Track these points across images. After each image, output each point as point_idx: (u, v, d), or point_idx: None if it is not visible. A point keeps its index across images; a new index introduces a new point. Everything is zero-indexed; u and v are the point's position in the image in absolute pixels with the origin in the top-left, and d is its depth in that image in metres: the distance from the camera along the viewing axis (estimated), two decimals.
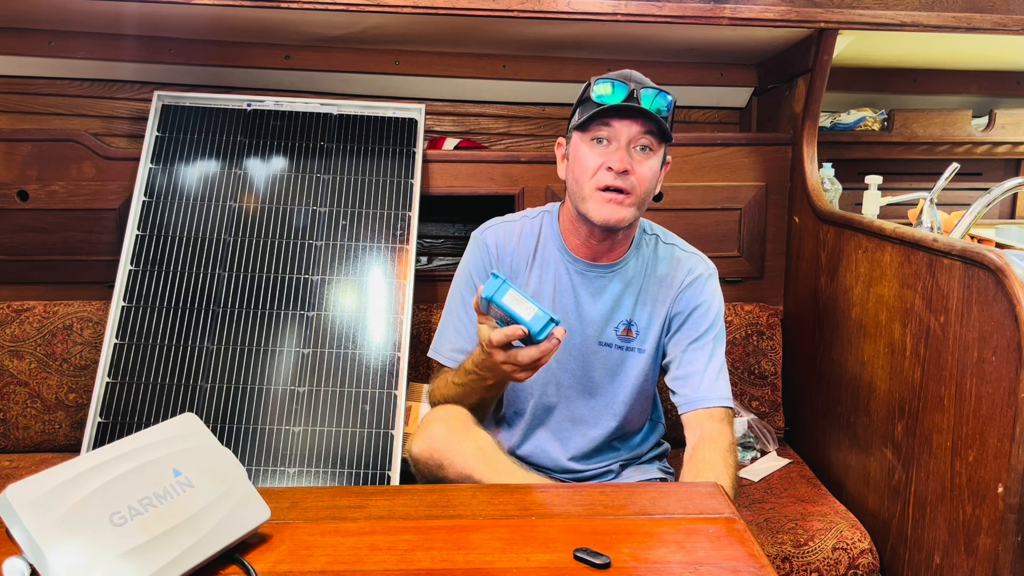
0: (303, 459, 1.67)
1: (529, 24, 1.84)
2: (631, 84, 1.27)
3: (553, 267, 1.42)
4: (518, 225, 1.47)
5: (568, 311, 1.41)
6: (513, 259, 1.44)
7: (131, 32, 2.01)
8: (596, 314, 1.40)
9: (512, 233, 1.46)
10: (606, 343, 1.41)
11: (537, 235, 1.45)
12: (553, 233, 1.44)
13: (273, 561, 0.88)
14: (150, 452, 0.88)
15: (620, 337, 1.41)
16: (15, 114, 2.16)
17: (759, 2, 1.77)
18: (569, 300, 1.41)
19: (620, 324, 1.41)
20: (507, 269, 1.43)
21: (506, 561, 0.88)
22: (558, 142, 1.42)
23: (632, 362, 1.42)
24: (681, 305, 1.41)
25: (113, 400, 1.70)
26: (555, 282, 1.41)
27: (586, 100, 1.31)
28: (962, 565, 1.26)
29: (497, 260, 1.44)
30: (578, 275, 1.41)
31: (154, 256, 1.80)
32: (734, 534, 0.95)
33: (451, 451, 1.24)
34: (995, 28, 1.81)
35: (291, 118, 1.95)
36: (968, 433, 1.24)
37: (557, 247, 1.42)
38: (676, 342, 1.40)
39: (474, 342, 1.36)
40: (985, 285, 1.20)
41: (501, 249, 1.44)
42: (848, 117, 2.36)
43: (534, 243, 1.44)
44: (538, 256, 1.43)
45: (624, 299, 1.41)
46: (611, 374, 1.42)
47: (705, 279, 1.43)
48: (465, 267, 1.47)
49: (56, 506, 0.78)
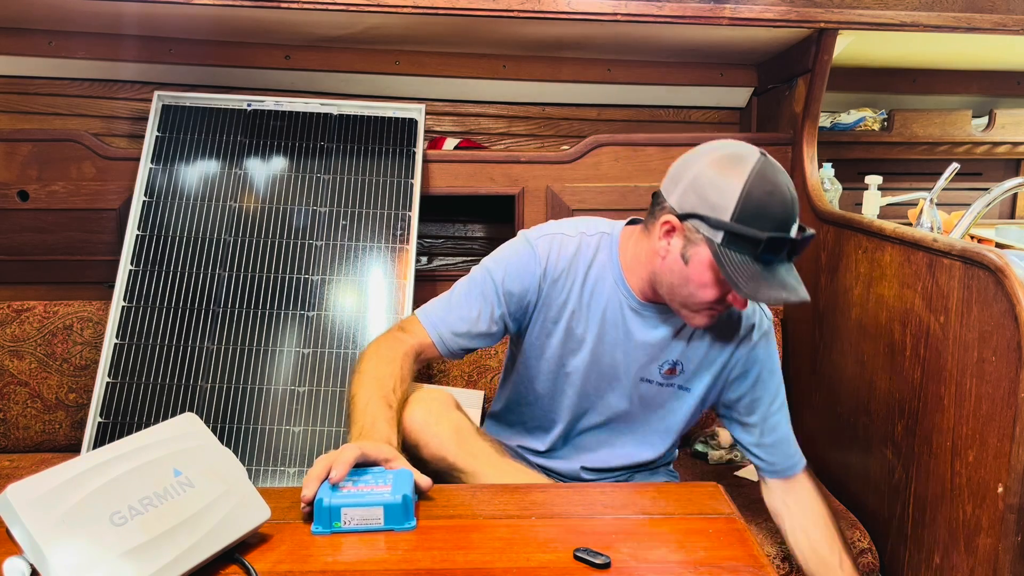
0: (303, 459, 1.66)
1: (529, 24, 1.84)
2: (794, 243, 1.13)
3: (606, 296, 1.30)
4: (574, 241, 1.31)
5: (615, 343, 1.32)
6: (561, 277, 1.30)
7: (131, 32, 2.01)
8: (642, 352, 1.32)
9: (567, 249, 1.31)
10: (647, 379, 1.34)
11: (592, 257, 1.31)
12: (611, 262, 1.30)
13: (273, 561, 0.88)
14: (150, 452, 0.88)
15: (663, 375, 1.34)
16: (15, 114, 2.16)
17: (759, 2, 1.77)
18: (619, 333, 1.31)
19: (665, 363, 1.33)
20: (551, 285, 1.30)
21: (506, 561, 0.88)
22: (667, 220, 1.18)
23: (674, 400, 1.36)
24: (746, 367, 1.33)
25: (113, 400, 1.70)
26: (605, 312, 1.30)
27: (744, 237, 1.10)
28: (962, 565, 1.26)
29: (544, 275, 1.30)
30: (631, 311, 1.30)
31: (154, 256, 1.80)
32: (734, 534, 0.95)
33: (427, 432, 1.23)
34: (995, 28, 1.81)
35: (291, 118, 1.95)
36: (968, 433, 1.24)
37: (614, 277, 1.30)
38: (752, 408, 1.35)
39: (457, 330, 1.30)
40: (985, 285, 1.20)
41: (552, 263, 1.30)
42: (848, 117, 2.36)
43: (587, 265, 1.30)
44: (590, 280, 1.30)
45: (675, 341, 1.32)
46: (649, 408, 1.37)
47: (769, 334, 1.35)
48: (503, 262, 1.32)
49: (56, 506, 0.78)
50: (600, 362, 1.33)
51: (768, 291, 1.10)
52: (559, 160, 2.05)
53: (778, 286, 1.11)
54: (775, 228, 1.10)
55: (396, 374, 1.23)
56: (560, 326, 1.32)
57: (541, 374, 1.36)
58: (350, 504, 0.94)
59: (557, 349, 1.33)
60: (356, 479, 0.98)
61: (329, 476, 0.96)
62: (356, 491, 0.95)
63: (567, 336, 1.32)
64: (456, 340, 1.31)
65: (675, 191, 1.18)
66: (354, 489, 0.96)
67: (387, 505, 0.94)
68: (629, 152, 2.05)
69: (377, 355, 1.26)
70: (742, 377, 1.34)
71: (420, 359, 1.31)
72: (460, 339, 1.31)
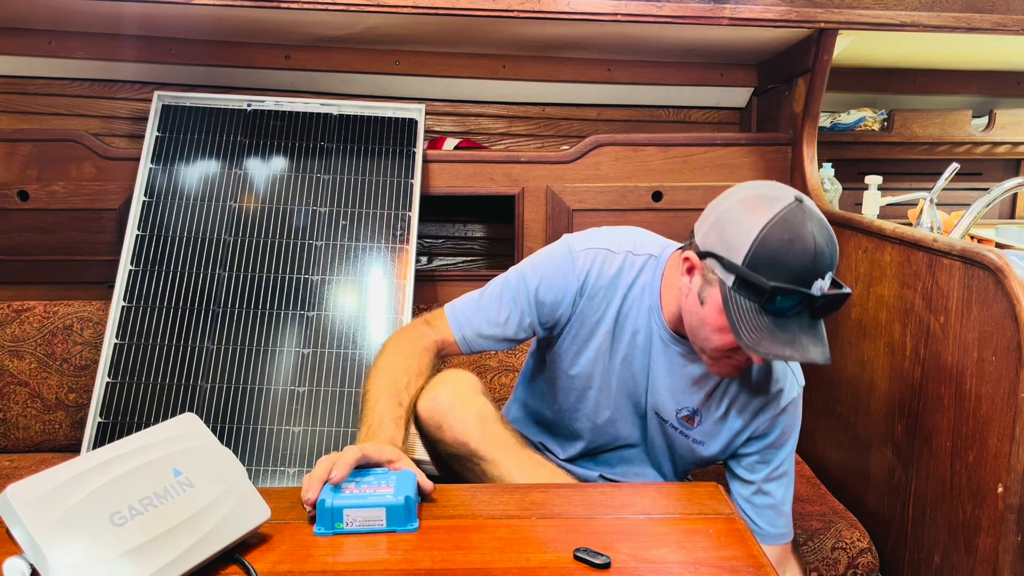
0: (303, 459, 1.66)
1: (529, 24, 1.84)
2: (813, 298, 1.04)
3: (639, 321, 1.26)
4: (619, 259, 1.26)
5: (639, 372, 1.28)
6: (599, 294, 1.26)
7: (131, 32, 2.01)
8: (663, 388, 1.28)
9: (610, 267, 1.25)
10: (664, 419, 1.30)
11: (634, 279, 1.26)
12: (652, 287, 1.25)
13: (273, 561, 0.88)
14: (150, 452, 0.88)
15: (680, 421, 1.29)
16: (15, 114, 2.16)
17: (759, 2, 1.77)
18: (644, 361, 1.27)
19: (684, 410, 1.28)
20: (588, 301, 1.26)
21: (506, 561, 0.88)
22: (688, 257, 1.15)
23: (687, 449, 1.32)
24: (769, 428, 1.28)
25: (113, 400, 1.70)
26: (636, 336, 1.26)
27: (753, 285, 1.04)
28: (962, 565, 1.26)
29: (580, 287, 1.25)
30: (660, 341, 1.26)
31: (154, 256, 1.80)
32: (734, 534, 0.95)
33: (451, 415, 1.21)
34: (995, 28, 1.81)
35: (291, 118, 1.95)
36: (968, 433, 1.24)
37: (650, 304, 1.25)
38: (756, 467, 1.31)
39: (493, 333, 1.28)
40: (985, 285, 1.20)
41: (591, 279, 1.25)
42: (848, 117, 2.36)
43: (628, 285, 1.26)
44: (628, 302, 1.26)
45: (698, 388, 1.27)
46: (667, 446, 1.35)
47: (796, 404, 1.30)
48: (540, 268, 1.28)
49: (56, 506, 0.78)
50: (625, 386, 1.30)
51: (770, 346, 1.03)
52: (559, 160, 2.05)
53: (784, 343, 1.03)
54: (789, 280, 1.02)
55: (412, 369, 1.21)
56: (592, 344, 1.28)
57: (567, 387, 1.33)
58: (353, 505, 0.94)
59: (587, 366, 1.29)
60: (359, 480, 0.98)
61: (330, 477, 0.95)
62: (359, 492, 0.95)
63: (597, 354, 1.28)
64: (480, 341, 1.29)
65: (702, 227, 1.14)
66: (357, 490, 0.96)
67: (389, 507, 0.94)
68: (629, 152, 2.05)
69: (396, 350, 1.24)
70: (759, 439, 1.29)
71: (441, 355, 1.29)
72: (484, 341, 1.29)
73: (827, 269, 1.05)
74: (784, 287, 1.02)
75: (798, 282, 1.03)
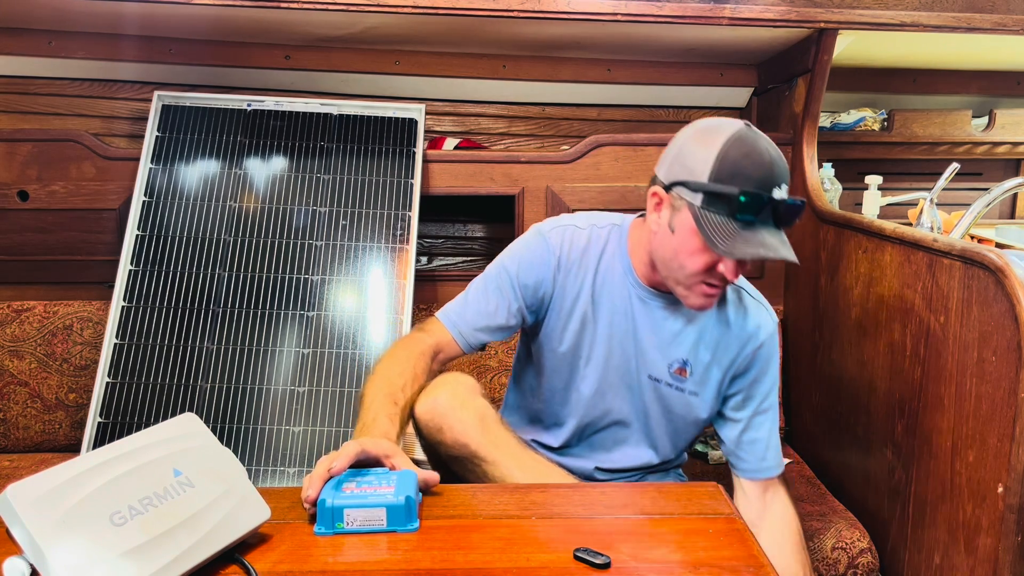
0: (303, 459, 1.67)
1: (529, 24, 1.84)
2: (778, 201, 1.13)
3: (616, 287, 1.32)
4: (585, 233, 1.34)
5: (625, 336, 1.32)
6: (574, 268, 1.32)
7: (131, 32, 2.01)
8: (651, 346, 1.32)
9: (579, 240, 1.33)
10: (656, 378, 1.34)
11: (602, 249, 1.33)
12: (620, 252, 1.33)
13: (273, 561, 0.88)
14: (150, 452, 0.88)
15: (672, 375, 1.33)
16: (15, 114, 2.16)
17: (759, 2, 1.77)
18: (628, 324, 1.32)
19: (675, 362, 1.33)
20: (565, 275, 1.33)
21: (506, 561, 0.88)
22: (654, 191, 1.22)
23: (684, 404, 1.35)
24: (749, 365, 1.34)
25: (113, 400, 1.70)
26: (615, 306, 1.32)
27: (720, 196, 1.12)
28: (962, 565, 1.26)
29: (557, 263, 1.32)
30: (640, 301, 1.31)
31: (154, 256, 1.80)
32: (734, 534, 0.95)
33: (451, 417, 1.22)
34: (995, 28, 1.81)
35: (291, 118, 1.95)
36: (968, 433, 1.24)
37: (622, 267, 1.32)
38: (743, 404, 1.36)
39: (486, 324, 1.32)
40: (985, 285, 1.20)
41: (564, 253, 1.32)
42: (848, 117, 2.36)
43: (598, 256, 1.33)
44: (601, 271, 1.32)
45: (683, 336, 1.32)
46: (661, 410, 1.37)
47: (774, 337, 1.35)
48: (516, 255, 1.34)
49: (56, 506, 0.78)
50: (612, 355, 1.34)
51: (745, 248, 1.11)
52: (559, 160, 2.05)
53: (756, 244, 1.11)
54: (753, 187, 1.11)
55: (408, 373, 1.23)
56: (575, 317, 1.33)
57: (556, 367, 1.37)
58: (353, 505, 0.94)
59: (572, 340, 1.34)
60: (359, 480, 0.98)
61: (330, 468, 0.96)
62: (359, 492, 0.95)
63: (582, 327, 1.33)
64: (475, 334, 1.33)
65: (663, 165, 1.23)
66: (357, 490, 0.96)
67: (390, 506, 0.94)
68: (629, 152, 2.05)
69: (392, 356, 1.27)
70: (743, 375, 1.35)
71: (439, 358, 1.32)
72: (479, 333, 1.33)
73: (783, 179, 1.14)
74: (750, 191, 1.11)
75: (760, 188, 1.12)
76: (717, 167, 1.13)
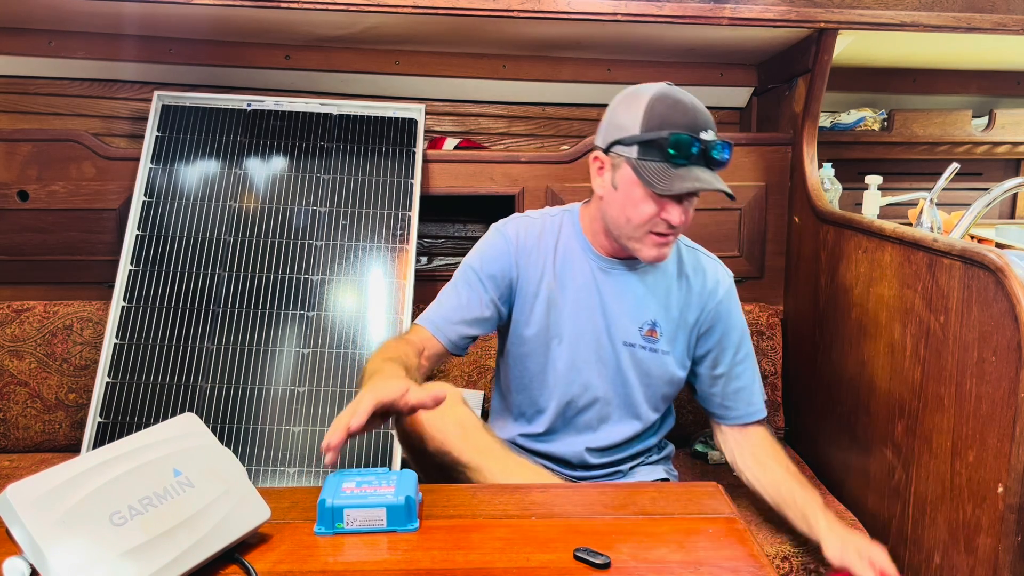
0: (303, 459, 1.67)
1: (529, 24, 1.84)
2: (705, 142, 1.23)
3: (577, 264, 1.40)
4: (539, 222, 1.44)
5: (592, 309, 1.39)
6: (533, 252, 1.41)
7: (131, 32, 2.01)
8: (620, 312, 1.39)
9: (533, 228, 1.43)
10: (630, 343, 1.40)
11: (558, 233, 1.43)
12: (575, 232, 1.42)
13: (273, 561, 0.88)
14: (150, 452, 0.88)
15: (644, 337, 1.40)
16: (15, 114, 2.16)
17: (759, 2, 1.77)
18: (593, 298, 1.39)
19: (644, 324, 1.40)
20: (526, 259, 1.41)
21: (506, 561, 0.88)
22: (595, 156, 1.33)
23: (659, 364, 1.41)
24: (715, 319, 1.42)
25: (113, 400, 1.70)
26: (578, 281, 1.40)
27: (652, 143, 1.23)
28: (962, 565, 1.26)
29: (517, 252, 1.41)
30: (601, 272, 1.40)
31: (154, 256, 1.81)
32: (734, 534, 0.95)
33: (432, 426, 1.25)
34: (995, 28, 1.81)
35: (291, 118, 1.95)
36: (968, 433, 1.24)
37: (580, 245, 1.41)
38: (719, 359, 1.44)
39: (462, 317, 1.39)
40: (985, 285, 1.20)
41: (522, 242, 1.41)
42: (848, 117, 2.36)
43: (555, 240, 1.42)
44: (559, 253, 1.41)
45: (648, 299, 1.40)
46: (638, 375, 1.42)
47: (732, 290, 1.45)
48: (477, 254, 1.43)
49: (56, 506, 0.78)
50: (583, 331, 1.39)
51: (682, 184, 1.21)
52: (559, 160, 2.05)
53: (692, 180, 1.22)
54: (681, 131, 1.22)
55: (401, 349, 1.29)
56: (541, 298, 1.40)
57: (530, 352, 1.42)
58: (353, 505, 0.94)
59: (542, 320, 1.40)
60: (360, 480, 0.98)
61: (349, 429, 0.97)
62: (359, 492, 0.96)
63: (548, 307, 1.40)
64: (454, 328, 1.39)
65: (599, 135, 1.33)
66: (357, 490, 0.96)
67: (390, 506, 0.94)
68: None
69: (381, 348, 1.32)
70: (710, 332, 1.43)
71: (424, 354, 1.36)
72: (457, 327, 1.39)
73: (709, 124, 1.26)
74: (679, 132, 1.22)
75: (688, 131, 1.23)
76: (646, 119, 1.24)
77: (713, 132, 1.25)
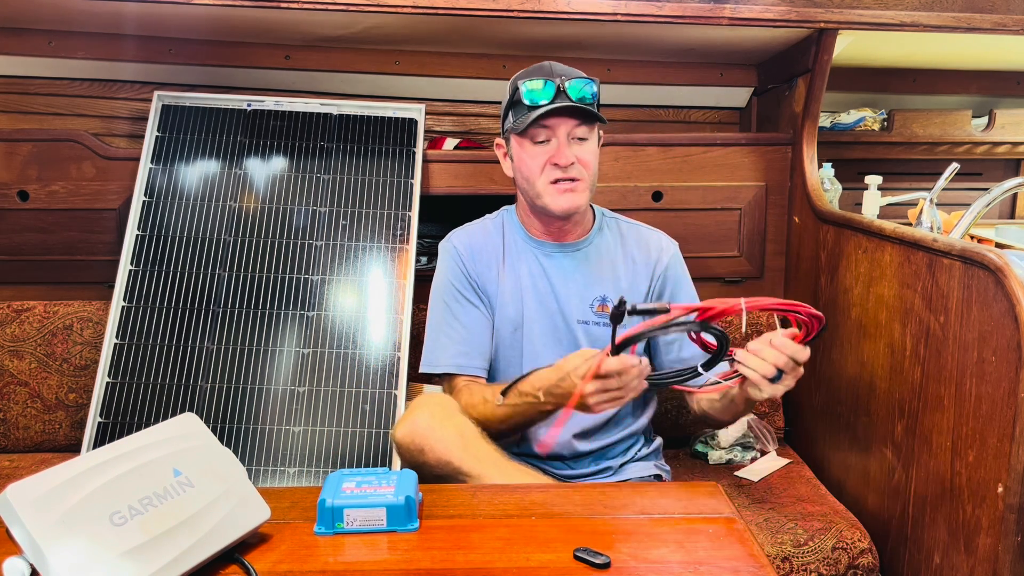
0: (303, 459, 1.67)
1: (529, 24, 1.84)
2: (557, 79, 1.34)
3: (522, 257, 1.49)
4: (480, 226, 1.56)
5: (545, 295, 1.47)
6: (483, 257, 1.50)
7: (131, 32, 2.01)
8: (571, 293, 1.47)
9: (476, 234, 1.53)
10: (584, 321, 1.47)
11: (501, 231, 1.53)
12: (515, 227, 1.53)
13: (273, 561, 0.88)
14: (150, 452, 0.88)
15: (596, 313, 1.47)
16: (15, 114, 2.16)
17: (759, 2, 1.77)
18: (544, 284, 1.48)
19: (595, 301, 1.47)
20: (479, 267, 1.50)
21: (506, 561, 0.88)
22: (497, 143, 1.49)
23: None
24: (663, 285, 1.51)
25: (113, 400, 1.70)
26: (527, 270, 1.48)
27: (517, 103, 1.37)
28: (962, 565, 1.26)
29: (468, 260, 1.50)
30: (547, 258, 1.49)
31: (154, 256, 1.80)
32: (734, 534, 0.95)
33: (431, 436, 1.26)
34: (995, 28, 1.81)
35: (291, 118, 1.95)
36: (968, 433, 1.24)
37: (522, 236, 1.51)
38: None
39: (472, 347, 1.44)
40: (985, 285, 1.20)
41: (470, 250, 1.51)
42: (848, 117, 2.36)
43: (500, 239, 1.52)
44: (507, 250, 1.51)
45: (596, 277, 1.48)
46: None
47: (677, 256, 1.54)
48: (443, 276, 1.52)
49: (56, 506, 0.78)
50: (541, 315, 1.46)
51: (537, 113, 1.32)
52: None
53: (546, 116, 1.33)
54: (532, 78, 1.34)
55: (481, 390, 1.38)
56: (499, 292, 1.48)
57: (507, 343, 1.49)
58: (353, 505, 0.94)
59: (507, 312, 1.48)
60: (360, 480, 0.98)
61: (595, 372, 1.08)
62: (359, 492, 0.96)
63: (511, 299, 1.48)
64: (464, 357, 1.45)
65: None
66: (357, 490, 0.96)
67: (390, 506, 0.94)
68: (629, 152, 2.05)
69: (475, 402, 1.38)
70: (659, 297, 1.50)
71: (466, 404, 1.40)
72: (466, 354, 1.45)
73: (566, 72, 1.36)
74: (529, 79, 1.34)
75: (540, 76, 1.34)
76: (511, 91, 1.39)
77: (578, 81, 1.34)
